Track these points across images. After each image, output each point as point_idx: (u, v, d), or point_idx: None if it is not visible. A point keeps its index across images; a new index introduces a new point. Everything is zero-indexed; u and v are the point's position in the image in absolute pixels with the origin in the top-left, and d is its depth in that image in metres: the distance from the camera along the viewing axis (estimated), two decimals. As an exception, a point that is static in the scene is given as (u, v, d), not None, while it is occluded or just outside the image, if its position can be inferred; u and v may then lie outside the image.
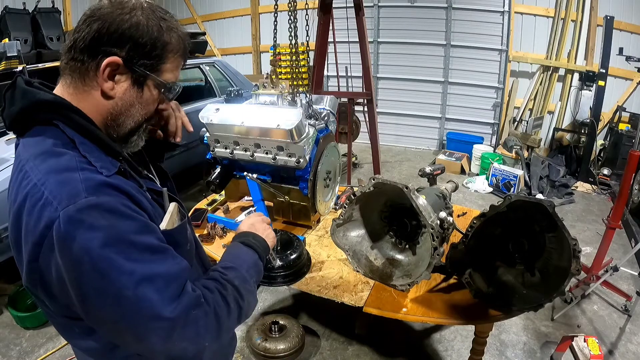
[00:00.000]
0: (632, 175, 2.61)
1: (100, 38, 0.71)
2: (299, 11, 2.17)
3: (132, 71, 0.75)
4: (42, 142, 0.71)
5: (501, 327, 2.51)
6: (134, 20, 0.73)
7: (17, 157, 0.75)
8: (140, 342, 0.70)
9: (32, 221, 0.66)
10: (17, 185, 0.71)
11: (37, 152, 0.70)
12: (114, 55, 0.72)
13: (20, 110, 0.73)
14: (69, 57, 0.74)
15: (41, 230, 0.65)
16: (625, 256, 2.67)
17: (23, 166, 0.71)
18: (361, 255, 1.70)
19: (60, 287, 0.68)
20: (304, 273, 1.66)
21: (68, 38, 0.75)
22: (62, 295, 0.70)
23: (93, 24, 0.72)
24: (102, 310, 0.67)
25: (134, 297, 0.65)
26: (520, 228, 1.49)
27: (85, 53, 0.72)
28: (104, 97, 0.75)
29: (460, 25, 5.75)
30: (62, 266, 0.65)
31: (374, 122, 4.20)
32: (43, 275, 0.68)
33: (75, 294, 0.67)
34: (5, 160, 2.78)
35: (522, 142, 5.28)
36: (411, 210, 1.47)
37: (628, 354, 2.35)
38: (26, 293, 2.73)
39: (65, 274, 0.65)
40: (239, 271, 0.88)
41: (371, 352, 2.35)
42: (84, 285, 0.65)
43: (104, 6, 0.73)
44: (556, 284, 1.34)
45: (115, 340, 0.76)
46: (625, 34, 4.95)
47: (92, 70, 0.73)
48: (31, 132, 0.74)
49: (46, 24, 5.19)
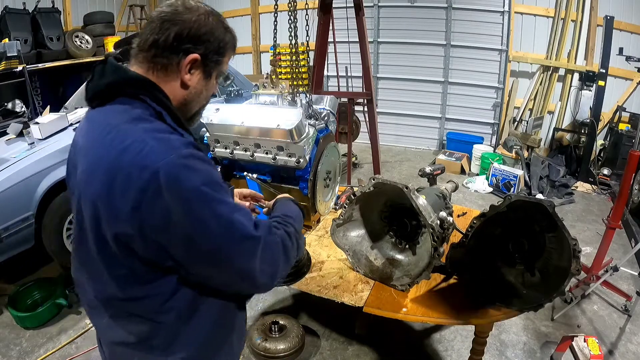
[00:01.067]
0: (632, 175, 2.61)
1: (181, 39, 0.86)
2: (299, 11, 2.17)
3: (204, 65, 0.91)
4: (131, 111, 0.84)
5: (501, 327, 2.51)
6: (207, 25, 0.89)
7: (96, 122, 0.87)
8: (232, 264, 0.83)
9: (135, 171, 0.76)
10: (106, 144, 0.81)
11: (129, 118, 0.82)
12: (194, 53, 0.88)
13: (111, 82, 0.86)
14: (151, 54, 0.87)
15: (147, 177, 0.75)
16: (625, 256, 2.67)
17: (114, 128, 0.82)
18: (361, 255, 1.70)
19: (162, 230, 0.78)
20: (304, 273, 1.66)
21: (143, 36, 0.88)
22: (159, 238, 0.79)
23: (173, 27, 0.86)
24: (203, 238, 0.79)
25: (230, 221, 0.81)
26: (520, 228, 1.49)
27: (168, 51, 0.87)
28: (182, 86, 0.91)
29: (460, 25, 5.75)
30: (170, 206, 0.76)
31: (374, 122, 4.20)
32: (144, 220, 0.77)
33: (181, 232, 0.78)
34: (5, 160, 2.78)
35: (522, 142, 5.28)
36: (411, 210, 1.47)
37: (628, 354, 2.35)
38: (26, 293, 2.73)
39: (174, 213, 0.76)
40: (293, 218, 1.08)
41: (371, 352, 2.35)
42: (192, 217, 0.77)
43: (180, 12, 0.87)
44: (556, 284, 1.34)
45: (204, 272, 0.86)
46: (625, 34, 4.95)
47: (174, 64, 0.88)
48: (115, 102, 0.86)
49: (46, 24, 5.19)
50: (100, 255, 0.86)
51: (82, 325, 2.58)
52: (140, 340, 0.91)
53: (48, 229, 2.76)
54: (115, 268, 0.86)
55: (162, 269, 0.84)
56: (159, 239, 0.79)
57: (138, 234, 0.78)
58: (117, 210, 0.78)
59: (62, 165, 2.89)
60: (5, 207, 2.57)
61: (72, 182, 0.94)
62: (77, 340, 2.46)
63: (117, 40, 4.92)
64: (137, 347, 0.92)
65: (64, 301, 2.63)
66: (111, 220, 0.80)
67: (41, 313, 2.56)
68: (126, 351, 0.94)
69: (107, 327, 0.95)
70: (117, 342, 0.95)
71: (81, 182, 0.86)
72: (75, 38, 5.57)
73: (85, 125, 0.92)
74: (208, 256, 0.82)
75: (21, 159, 2.77)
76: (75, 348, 2.41)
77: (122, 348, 0.95)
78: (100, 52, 5.79)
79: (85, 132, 0.90)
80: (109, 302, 0.92)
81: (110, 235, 0.81)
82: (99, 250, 0.85)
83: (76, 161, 0.91)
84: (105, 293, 0.91)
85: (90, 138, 0.87)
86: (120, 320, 0.92)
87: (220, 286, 0.91)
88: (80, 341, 2.46)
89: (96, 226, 0.83)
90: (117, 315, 0.93)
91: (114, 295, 0.89)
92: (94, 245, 0.85)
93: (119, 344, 0.95)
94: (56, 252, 2.82)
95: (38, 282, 2.83)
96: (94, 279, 0.92)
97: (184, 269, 0.84)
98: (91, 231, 0.84)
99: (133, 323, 0.91)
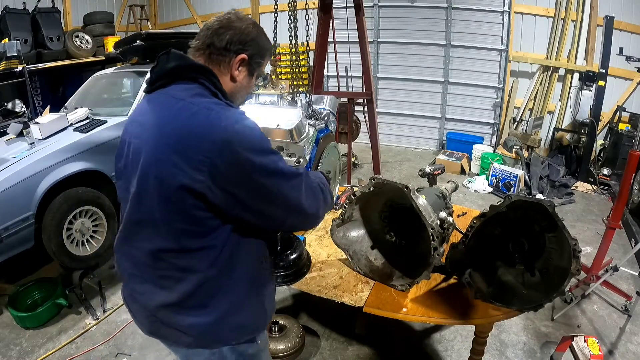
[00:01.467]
0: (632, 175, 2.61)
1: (233, 42, 1.06)
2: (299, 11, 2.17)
3: (249, 65, 1.11)
4: (193, 89, 1.01)
5: (501, 327, 2.51)
6: (253, 33, 1.10)
7: (160, 100, 1.03)
8: (287, 199, 1.02)
9: (206, 129, 0.93)
10: (174, 112, 0.97)
11: (192, 94, 1.00)
12: (243, 54, 1.08)
13: (177, 66, 1.03)
14: (208, 52, 1.06)
15: (217, 134, 0.92)
16: (625, 256, 2.67)
17: (180, 100, 0.99)
18: (361, 255, 1.70)
19: (231, 176, 0.94)
20: (304, 273, 1.66)
21: (200, 39, 1.08)
22: (228, 185, 0.94)
23: (227, 31, 1.06)
24: (266, 179, 0.98)
25: (281, 167, 1.00)
26: (520, 228, 1.49)
27: (223, 50, 1.06)
28: (232, 79, 1.10)
29: (460, 25, 5.74)
30: (237, 156, 0.92)
31: (374, 122, 4.20)
32: (215, 168, 0.92)
33: (247, 177, 0.95)
34: (5, 160, 2.78)
35: (522, 142, 5.27)
36: (411, 210, 1.47)
37: (628, 354, 2.35)
38: (26, 293, 2.73)
39: (240, 162, 0.93)
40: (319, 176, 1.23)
41: (371, 352, 2.35)
42: (255, 164, 0.95)
43: (233, 20, 1.08)
44: (556, 284, 1.34)
45: (266, 211, 1.02)
46: (625, 34, 4.95)
47: (227, 61, 1.08)
48: (177, 83, 1.03)
49: (46, 24, 5.19)
50: (163, 212, 0.98)
51: (82, 325, 2.58)
52: (183, 298, 1.03)
53: (48, 229, 2.76)
54: (175, 222, 0.98)
55: (222, 217, 0.99)
56: (228, 185, 0.94)
57: (210, 181, 0.93)
58: (191, 162, 0.92)
59: (62, 165, 2.89)
60: (5, 207, 2.56)
61: (123, 162, 1.08)
62: (77, 340, 2.46)
63: (117, 40, 4.92)
64: (177, 306, 1.04)
65: (64, 301, 2.63)
66: (184, 172, 0.92)
67: (41, 313, 2.56)
68: (167, 314, 1.06)
69: (148, 291, 1.08)
70: (158, 306, 1.06)
71: (148, 147, 0.98)
72: (75, 38, 5.57)
73: (146, 105, 1.07)
74: (269, 194, 1.00)
75: (21, 159, 2.77)
76: (75, 348, 2.41)
77: (163, 311, 1.06)
78: (100, 52, 5.79)
79: (147, 110, 1.05)
80: (161, 258, 1.03)
81: (178, 187, 0.93)
82: (164, 205, 0.97)
83: (133, 138, 1.04)
84: (160, 248, 1.02)
85: (157, 111, 1.02)
86: (165, 280, 1.04)
87: (276, 224, 1.11)
88: (80, 341, 2.46)
89: (164, 183, 0.95)
90: (163, 275, 1.04)
91: (170, 248, 1.01)
92: (158, 204, 0.97)
93: (159, 308, 1.06)
94: (56, 252, 2.82)
95: (38, 282, 2.83)
96: (149, 239, 1.03)
97: (248, 211, 1.00)
98: (155, 190, 0.96)
99: (179, 281, 1.03)
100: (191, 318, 1.05)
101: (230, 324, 1.09)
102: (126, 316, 2.67)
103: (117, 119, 3.42)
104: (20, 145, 3.04)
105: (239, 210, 0.99)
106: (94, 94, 4.07)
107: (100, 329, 2.56)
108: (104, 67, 5.13)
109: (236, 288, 1.08)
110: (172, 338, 1.10)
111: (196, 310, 1.04)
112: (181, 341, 1.09)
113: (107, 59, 5.57)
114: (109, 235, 3.19)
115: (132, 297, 1.15)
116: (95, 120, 3.36)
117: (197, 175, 0.92)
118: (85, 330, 2.54)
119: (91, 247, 3.06)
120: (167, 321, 1.07)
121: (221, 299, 1.06)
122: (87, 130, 3.18)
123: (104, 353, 2.37)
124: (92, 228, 3.09)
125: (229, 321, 1.08)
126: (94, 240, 3.10)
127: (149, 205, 1.00)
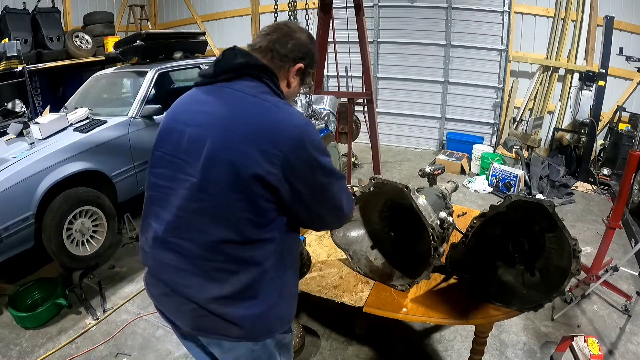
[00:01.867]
0: (632, 175, 2.61)
1: (294, 51, 1.14)
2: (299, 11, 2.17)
3: (303, 74, 1.20)
4: (260, 87, 1.08)
5: (501, 327, 2.51)
6: (310, 45, 1.19)
7: (227, 93, 1.07)
8: (334, 197, 1.12)
9: (284, 125, 1.01)
10: (249, 105, 1.04)
11: (262, 91, 1.07)
12: (301, 63, 1.16)
13: (245, 63, 1.08)
14: (270, 56, 1.13)
15: (293, 130, 1.01)
16: (625, 256, 2.67)
17: (252, 96, 1.05)
18: (361, 255, 1.71)
19: (298, 169, 1.01)
20: (304, 273, 1.66)
21: (260, 42, 1.14)
22: (294, 178, 1.01)
23: (290, 41, 1.13)
24: (324, 178, 1.07)
25: (335, 168, 1.10)
26: (520, 228, 1.49)
27: (284, 57, 1.14)
28: (287, 85, 1.18)
29: (460, 25, 5.74)
30: (307, 154, 1.02)
31: (374, 122, 4.19)
32: (287, 161, 0.99)
33: (310, 172, 1.03)
34: (5, 160, 2.78)
35: (522, 142, 5.27)
36: (411, 210, 1.47)
37: (628, 354, 2.35)
38: (26, 293, 2.73)
39: (308, 159, 1.02)
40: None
41: (371, 352, 2.35)
42: (318, 162, 1.04)
43: (295, 31, 1.17)
44: (556, 284, 1.34)
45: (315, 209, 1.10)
46: (625, 34, 4.95)
47: (286, 68, 1.15)
48: (242, 80, 1.08)
49: (46, 24, 5.19)
50: (230, 200, 1.00)
51: (82, 325, 2.58)
52: (238, 290, 1.05)
53: (48, 229, 2.77)
54: (240, 211, 1.01)
55: (282, 209, 1.05)
56: (295, 179, 1.01)
57: (281, 174, 0.99)
58: (265, 154, 0.97)
59: (62, 165, 2.89)
60: (5, 207, 2.57)
61: (170, 150, 1.09)
62: (77, 340, 2.46)
63: (117, 40, 4.92)
64: (230, 299, 1.05)
65: (64, 301, 2.63)
66: (258, 163, 0.97)
67: (41, 313, 2.55)
68: (218, 306, 1.05)
69: (197, 285, 1.06)
70: (209, 298, 1.05)
71: (218, 135, 1.01)
72: (75, 38, 5.57)
73: (205, 96, 1.10)
74: (324, 192, 1.09)
75: (21, 159, 2.77)
76: (75, 348, 2.41)
77: (214, 304, 1.05)
78: (100, 52, 5.79)
79: (209, 100, 1.09)
80: (221, 249, 1.04)
81: (250, 176, 0.97)
82: (231, 193, 1.00)
83: (188, 126, 1.07)
84: (221, 239, 1.03)
85: (226, 102, 1.06)
86: (219, 273, 1.05)
87: (316, 221, 1.16)
88: (80, 341, 2.46)
89: (236, 171, 0.98)
90: (219, 268, 1.05)
91: (232, 239, 1.03)
92: (226, 191, 1.00)
93: (210, 300, 1.05)
94: (56, 252, 2.82)
95: (38, 282, 2.83)
96: (206, 230, 1.03)
97: (302, 206, 1.06)
98: (225, 177, 0.99)
99: (234, 273, 1.04)
100: (243, 310, 1.06)
101: (277, 315, 1.13)
102: (126, 316, 2.67)
103: (117, 119, 3.43)
104: (20, 145, 3.04)
105: (297, 205, 1.05)
106: (94, 94, 4.08)
107: (100, 329, 2.56)
108: (104, 67, 5.13)
109: (283, 280, 1.13)
110: (221, 331, 1.09)
111: (248, 301, 1.06)
112: (230, 333, 1.08)
113: (107, 59, 5.58)
114: (109, 235, 3.19)
115: (174, 291, 1.10)
116: (95, 120, 3.36)
117: (271, 167, 0.98)
118: (85, 330, 2.54)
119: (91, 247, 3.06)
120: (219, 312, 1.06)
121: (271, 291, 1.09)
122: (87, 130, 3.18)
123: (104, 353, 2.37)
124: (92, 228, 3.09)
125: (276, 312, 1.12)
126: (94, 240, 3.10)
127: (214, 193, 1.01)
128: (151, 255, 1.14)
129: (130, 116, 3.48)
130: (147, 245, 1.15)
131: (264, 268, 1.06)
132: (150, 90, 3.76)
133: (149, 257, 1.15)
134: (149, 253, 1.15)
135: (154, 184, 1.14)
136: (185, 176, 1.04)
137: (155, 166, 1.14)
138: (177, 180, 1.06)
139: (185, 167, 1.05)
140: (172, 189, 1.08)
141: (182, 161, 1.06)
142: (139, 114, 3.53)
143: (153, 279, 1.16)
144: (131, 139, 3.41)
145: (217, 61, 1.11)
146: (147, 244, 1.16)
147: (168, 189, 1.09)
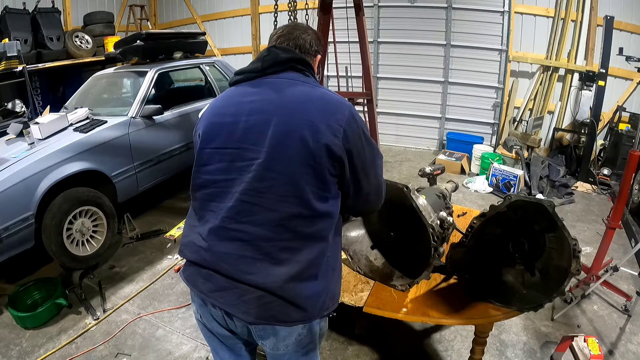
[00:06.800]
0: (632, 175, 2.61)
1: (313, 44, 1.28)
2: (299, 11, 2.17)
3: (318, 65, 1.32)
4: (303, 77, 1.21)
5: (501, 327, 2.51)
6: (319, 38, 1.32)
7: (278, 82, 1.18)
8: (377, 173, 1.23)
9: (339, 104, 1.14)
10: (307, 90, 1.17)
11: (306, 80, 1.20)
12: (319, 54, 1.31)
13: (291, 57, 1.20)
14: (298, 51, 1.24)
15: (346, 109, 1.13)
16: (625, 256, 2.67)
17: (304, 83, 1.18)
18: (361, 255, 1.71)
19: (353, 143, 1.11)
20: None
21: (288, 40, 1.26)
22: (350, 151, 1.11)
23: (307, 37, 1.27)
24: (371, 152, 1.17)
25: (375, 145, 1.21)
26: (520, 228, 1.49)
27: (309, 50, 1.27)
28: None
29: (460, 25, 5.74)
30: (359, 129, 1.14)
31: (374, 122, 4.20)
32: (346, 132, 1.10)
33: (361, 146, 1.14)
34: (5, 160, 2.79)
35: (522, 142, 5.27)
36: (411, 210, 1.47)
37: (628, 354, 2.35)
38: (26, 293, 2.73)
39: (359, 133, 1.13)
40: None
41: (371, 352, 2.35)
42: (365, 137, 1.16)
43: (307, 28, 1.30)
44: (556, 284, 1.34)
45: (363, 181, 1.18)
46: (625, 34, 4.94)
47: (310, 59, 1.27)
48: (286, 72, 1.20)
49: (46, 24, 5.19)
50: (301, 174, 1.07)
51: (82, 325, 2.58)
52: (305, 267, 1.10)
53: (48, 229, 2.77)
54: (309, 184, 1.08)
55: (340, 184, 1.14)
56: (351, 151, 1.11)
57: (343, 145, 1.09)
58: (330, 127, 1.08)
59: (62, 165, 2.89)
60: (5, 207, 2.57)
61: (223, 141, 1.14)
62: (77, 340, 2.46)
63: (117, 40, 4.92)
64: (298, 278, 1.09)
65: (64, 301, 2.63)
66: (326, 135, 1.07)
67: (41, 313, 2.55)
68: (290, 287, 1.08)
69: (262, 270, 1.08)
70: (283, 280, 1.08)
71: (282, 116, 1.10)
72: (75, 38, 5.57)
73: (254, 88, 1.18)
74: (371, 166, 1.19)
75: (21, 159, 2.77)
76: (75, 348, 2.41)
77: (288, 284, 1.08)
78: (100, 52, 5.80)
79: (261, 91, 1.17)
80: (287, 226, 1.08)
81: (321, 146, 1.07)
82: (303, 167, 1.07)
83: (244, 115, 1.13)
84: (289, 214, 1.08)
85: (281, 89, 1.16)
86: (283, 252, 1.09)
87: (361, 199, 1.21)
88: (80, 341, 2.46)
89: (309, 143, 1.06)
90: (284, 247, 1.09)
91: (299, 213, 1.08)
92: (299, 165, 1.07)
93: (282, 282, 1.08)
94: (56, 252, 2.82)
95: (38, 282, 2.83)
96: (273, 207, 1.08)
97: (353, 181, 1.15)
98: (296, 151, 1.07)
99: (297, 251, 1.09)
100: (307, 289, 1.11)
101: (332, 292, 1.19)
102: (126, 316, 2.67)
103: (117, 119, 3.43)
104: (20, 145, 3.04)
105: (352, 177, 1.15)
106: (94, 94, 4.08)
107: (100, 329, 2.56)
108: (104, 67, 5.14)
109: (337, 257, 1.21)
110: (281, 316, 1.10)
111: (312, 280, 1.11)
112: (290, 317, 1.11)
113: (107, 59, 5.58)
114: (109, 235, 3.19)
115: (236, 280, 1.09)
116: (95, 120, 3.36)
117: (335, 139, 1.08)
118: (85, 330, 2.54)
119: (91, 247, 3.06)
120: (292, 293, 1.09)
121: (327, 269, 1.15)
122: (87, 130, 3.18)
123: (104, 353, 2.37)
124: (92, 228, 3.10)
125: (331, 289, 1.18)
126: (94, 240, 3.10)
127: (282, 169, 1.07)
128: (207, 248, 1.13)
129: (130, 116, 3.49)
130: (201, 240, 1.14)
131: (327, 243, 1.13)
132: (150, 90, 3.76)
133: (203, 252, 1.14)
134: (204, 247, 1.13)
135: (207, 181, 1.16)
136: (246, 162, 1.10)
137: (206, 164, 1.16)
138: (234, 169, 1.11)
139: (243, 154, 1.11)
140: (231, 179, 1.12)
141: (239, 150, 1.11)
142: (139, 114, 3.53)
143: (207, 274, 1.14)
144: (131, 139, 3.42)
145: (264, 56, 1.21)
146: (199, 240, 1.15)
147: (226, 180, 1.12)
